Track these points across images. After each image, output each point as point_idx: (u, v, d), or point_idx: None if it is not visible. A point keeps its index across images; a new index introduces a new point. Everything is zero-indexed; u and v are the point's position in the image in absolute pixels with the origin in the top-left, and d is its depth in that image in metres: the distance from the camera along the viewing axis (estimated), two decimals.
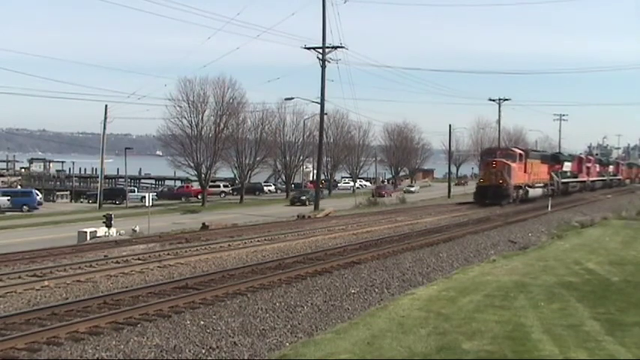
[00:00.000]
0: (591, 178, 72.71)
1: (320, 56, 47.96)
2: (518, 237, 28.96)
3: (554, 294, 15.22)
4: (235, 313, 13.20)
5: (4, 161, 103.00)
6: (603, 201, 56.44)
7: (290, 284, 16.35)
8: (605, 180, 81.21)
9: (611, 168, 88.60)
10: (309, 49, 48.26)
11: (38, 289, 15.27)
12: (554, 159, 60.14)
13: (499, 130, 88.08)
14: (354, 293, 15.95)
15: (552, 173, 57.29)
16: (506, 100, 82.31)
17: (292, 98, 65.38)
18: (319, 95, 50.12)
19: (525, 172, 49.96)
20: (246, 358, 10.83)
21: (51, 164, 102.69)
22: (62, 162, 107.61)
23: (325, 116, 56.59)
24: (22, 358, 10.25)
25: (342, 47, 48.03)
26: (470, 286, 16.29)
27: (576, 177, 66.35)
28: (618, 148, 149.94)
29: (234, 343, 11.39)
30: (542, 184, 54.10)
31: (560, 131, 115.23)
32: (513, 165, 47.50)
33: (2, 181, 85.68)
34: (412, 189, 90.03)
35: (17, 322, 12.05)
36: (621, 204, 51.27)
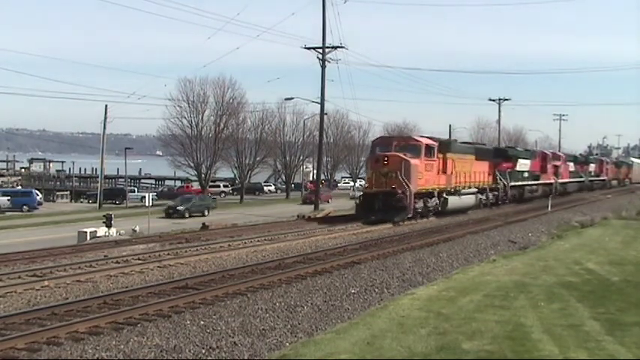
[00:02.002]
0: (561, 180, 59.39)
1: (320, 56, 47.95)
2: (518, 237, 28.97)
3: (554, 294, 15.23)
4: (235, 313, 13.20)
5: (4, 161, 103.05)
6: (603, 201, 56.44)
7: (290, 284, 16.35)
8: (582, 182, 68.75)
9: (592, 167, 75.21)
10: (309, 49, 48.25)
11: (38, 289, 15.27)
12: (500, 155, 46.09)
13: (499, 130, 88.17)
14: (354, 293, 15.95)
15: (498, 174, 43.86)
16: (506, 100, 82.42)
17: (292, 98, 65.44)
18: (319, 95, 50.11)
19: (443, 172, 35.29)
20: (246, 358, 10.83)
21: (51, 164, 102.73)
22: (62, 162, 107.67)
23: (325, 116, 56.60)
24: (22, 358, 10.25)
25: (342, 47, 48.01)
26: (470, 286, 16.30)
27: (538, 178, 52.96)
28: (618, 148, 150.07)
29: (234, 343, 11.39)
30: (475, 190, 39.75)
31: (560, 131, 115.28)
32: (415, 162, 32.13)
33: (2, 181, 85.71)
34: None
35: (17, 322, 12.05)
36: (621, 204, 51.28)
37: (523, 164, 49.56)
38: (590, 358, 10.14)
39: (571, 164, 65.66)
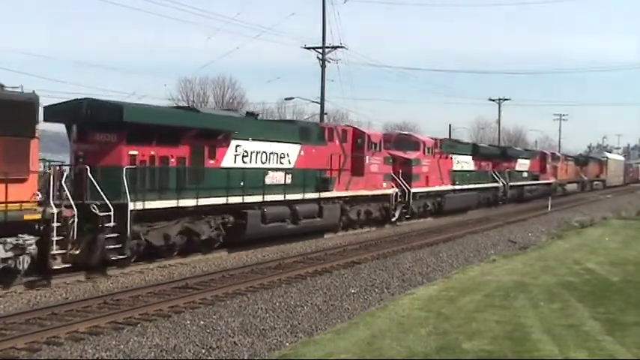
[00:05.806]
0: (428, 187, 33.23)
1: (320, 56, 47.96)
2: (518, 237, 28.97)
3: (554, 294, 15.23)
4: (235, 313, 13.21)
5: None
6: (603, 201, 56.47)
7: (290, 284, 16.36)
8: (495, 188, 43.24)
9: (522, 164, 49.44)
10: (309, 49, 48.21)
11: (38, 289, 15.26)
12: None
13: (499, 130, 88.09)
14: (354, 293, 15.96)
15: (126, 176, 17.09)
16: (506, 100, 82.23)
17: (292, 98, 65.10)
18: (319, 95, 50.10)
19: None
20: (246, 358, 10.83)
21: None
22: (62, 162, 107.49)
23: (325, 116, 56.58)
24: (22, 358, 10.25)
25: (342, 47, 47.98)
26: (470, 286, 16.30)
27: (329, 187, 25.15)
28: (618, 148, 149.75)
29: (234, 343, 11.39)
30: None
31: (560, 131, 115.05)
32: None
33: None
34: None
35: (17, 322, 12.04)
36: (621, 204, 51.31)
37: (246, 150, 21.28)
38: (590, 358, 10.14)
39: (465, 159, 39.40)
